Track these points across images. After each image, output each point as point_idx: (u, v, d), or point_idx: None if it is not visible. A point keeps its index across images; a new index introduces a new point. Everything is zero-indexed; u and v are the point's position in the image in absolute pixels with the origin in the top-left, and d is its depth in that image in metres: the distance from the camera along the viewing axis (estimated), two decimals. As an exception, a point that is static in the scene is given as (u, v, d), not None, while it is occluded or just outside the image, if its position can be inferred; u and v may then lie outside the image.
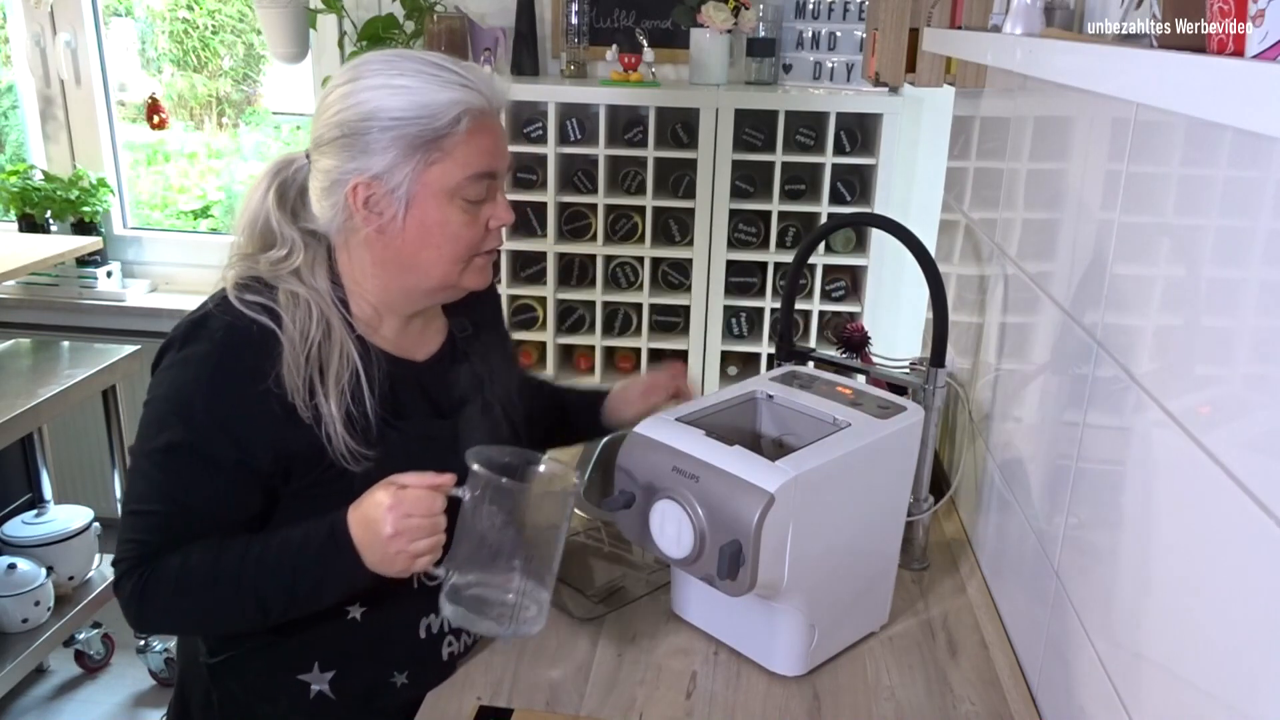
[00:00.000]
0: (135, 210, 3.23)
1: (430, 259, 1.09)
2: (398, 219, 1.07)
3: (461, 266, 1.11)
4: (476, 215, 1.10)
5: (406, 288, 1.12)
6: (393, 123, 1.03)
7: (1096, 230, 1.05)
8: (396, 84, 1.04)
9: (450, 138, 1.04)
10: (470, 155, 1.06)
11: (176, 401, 1.05)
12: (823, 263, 2.58)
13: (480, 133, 1.07)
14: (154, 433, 1.06)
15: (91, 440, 2.96)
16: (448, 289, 1.14)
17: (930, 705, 1.16)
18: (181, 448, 1.05)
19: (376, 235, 1.08)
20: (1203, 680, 0.77)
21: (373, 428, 1.08)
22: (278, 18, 2.61)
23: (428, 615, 1.17)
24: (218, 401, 1.04)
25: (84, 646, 2.59)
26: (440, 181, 1.06)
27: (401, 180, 1.05)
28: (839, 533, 1.15)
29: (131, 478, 1.09)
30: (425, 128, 1.03)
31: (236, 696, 1.16)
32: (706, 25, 2.57)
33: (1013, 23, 1.07)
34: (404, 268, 1.10)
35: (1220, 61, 0.60)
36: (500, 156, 1.10)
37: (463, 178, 1.06)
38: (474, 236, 1.10)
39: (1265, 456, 0.68)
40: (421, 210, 1.07)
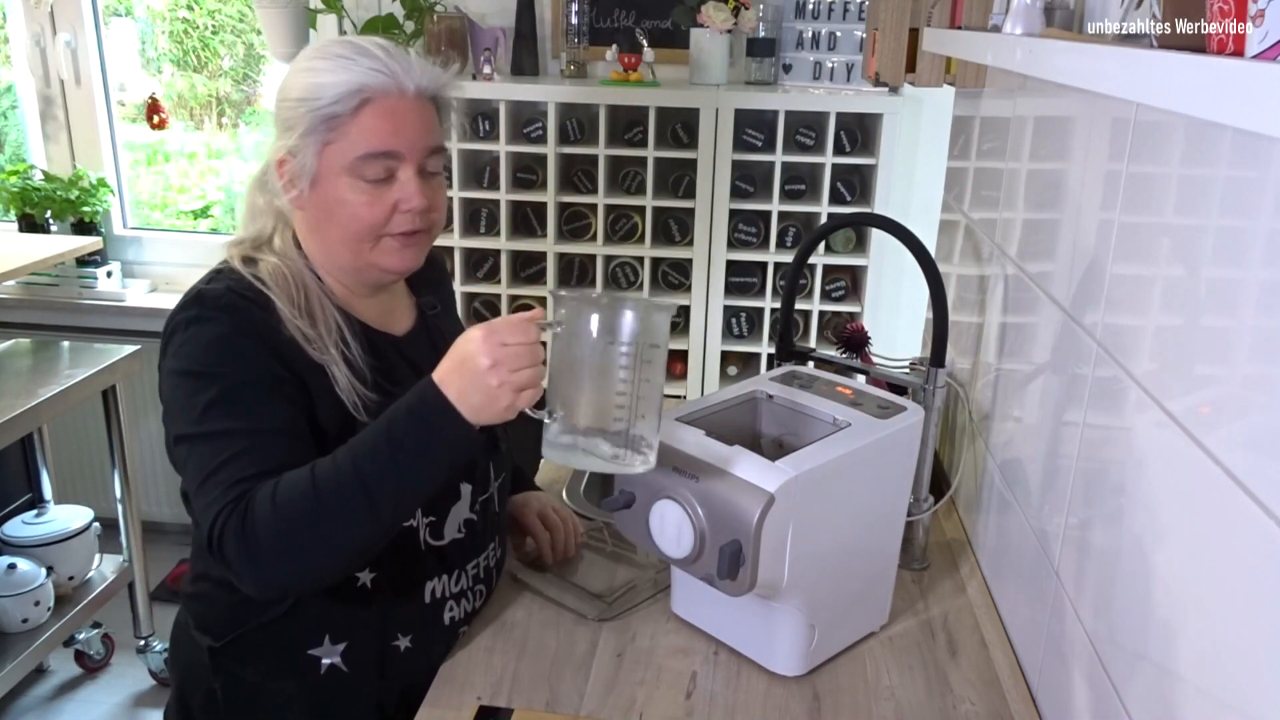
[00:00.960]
0: (135, 210, 3.23)
1: (335, 236, 1.15)
2: (304, 194, 1.13)
3: (370, 245, 1.15)
4: (378, 196, 1.12)
5: (336, 263, 1.17)
6: (298, 102, 1.11)
7: (1096, 230, 1.05)
8: (311, 66, 1.12)
9: (344, 118, 1.10)
10: (363, 135, 1.10)
11: (206, 361, 1.07)
12: (823, 263, 2.58)
13: (378, 115, 1.10)
14: (195, 397, 1.06)
15: (91, 440, 2.97)
16: (367, 268, 1.17)
17: (930, 705, 1.16)
18: (236, 386, 1.06)
19: (296, 208, 1.16)
20: (1203, 680, 0.77)
21: (368, 379, 1.13)
22: (278, 18, 2.61)
23: (433, 579, 1.20)
24: (246, 345, 1.08)
25: (84, 646, 2.59)
26: (337, 160, 1.11)
27: (307, 157, 1.11)
28: (839, 533, 1.15)
29: (192, 449, 1.05)
30: (319, 106, 1.09)
31: (242, 682, 1.16)
32: (706, 25, 2.57)
33: (1013, 23, 1.07)
34: (322, 243, 1.17)
35: (1220, 61, 0.60)
36: (401, 138, 1.11)
37: (354, 157, 1.10)
38: (376, 217, 1.13)
39: (1265, 456, 0.68)
40: (323, 187, 1.13)
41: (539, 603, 1.32)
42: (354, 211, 1.12)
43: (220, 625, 1.17)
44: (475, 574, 1.26)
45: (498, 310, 2.70)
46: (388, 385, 1.15)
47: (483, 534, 1.26)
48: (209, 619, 1.18)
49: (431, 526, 1.19)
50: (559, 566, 1.38)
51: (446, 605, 1.22)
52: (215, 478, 1.03)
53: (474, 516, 1.24)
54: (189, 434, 1.06)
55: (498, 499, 1.30)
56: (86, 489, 3.01)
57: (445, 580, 1.21)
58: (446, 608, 1.22)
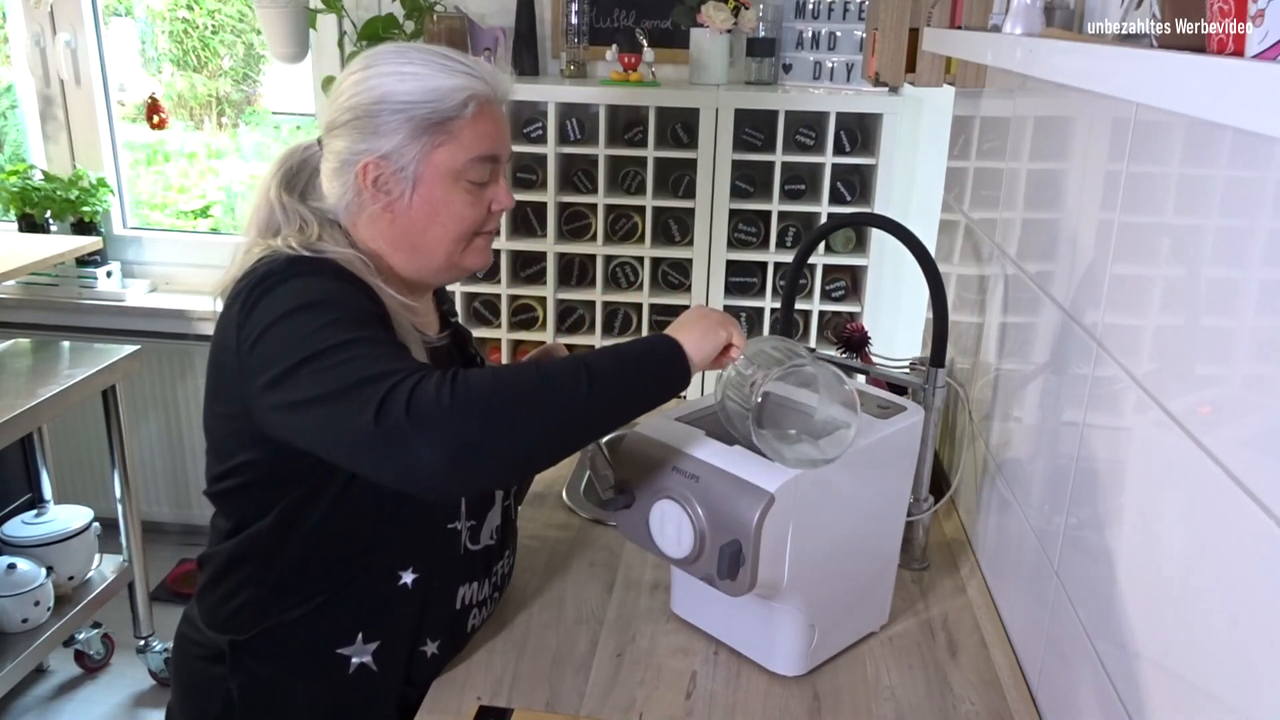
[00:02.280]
0: (135, 210, 3.23)
1: (435, 237, 1.15)
2: (405, 197, 1.12)
3: (464, 245, 1.17)
4: (479, 197, 1.16)
5: (416, 265, 1.17)
6: (402, 106, 1.10)
7: (1096, 230, 1.05)
8: (406, 71, 1.11)
9: (456, 121, 1.11)
10: (475, 138, 1.12)
11: (323, 299, 1.01)
12: (823, 263, 2.58)
13: (484, 118, 1.13)
14: (316, 320, 0.98)
15: (91, 440, 2.96)
16: (451, 268, 1.19)
17: (930, 705, 1.16)
18: (355, 317, 1.01)
19: (384, 213, 1.14)
20: (1203, 680, 0.77)
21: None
22: (278, 18, 2.61)
23: (466, 584, 1.20)
24: (360, 296, 1.06)
25: (84, 646, 2.59)
26: (446, 163, 1.12)
27: (409, 161, 1.11)
28: (839, 533, 1.15)
29: (319, 363, 0.94)
30: (433, 110, 1.10)
31: (261, 681, 1.15)
32: (706, 25, 2.57)
33: (1013, 23, 1.07)
34: (410, 245, 1.16)
35: (1220, 61, 0.60)
36: (502, 142, 1.17)
37: (467, 160, 1.12)
38: (476, 216, 1.16)
39: (1265, 456, 0.68)
40: (428, 189, 1.12)
41: (539, 603, 1.32)
42: (459, 212, 1.14)
43: (244, 620, 1.14)
44: (494, 582, 1.27)
45: (498, 310, 2.71)
46: None
47: (503, 541, 1.28)
48: (231, 615, 1.15)
49: (471, 531, 1.20)
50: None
51: (471, 613, 1.23)
52: (369, 375, 0.92)
53: (500, 522, 1.25)
54: (315, 352, 0.95)
55: (514, 507, 1.33)
56: (86, 489, 3.01)
57: (474, 587, 1.22)
58: (471, 615, 1.23)
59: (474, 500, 1.19)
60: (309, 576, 1.12)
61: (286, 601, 1.13)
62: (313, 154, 1.18)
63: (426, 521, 1.15)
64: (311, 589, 1.12)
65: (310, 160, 1.18)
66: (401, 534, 1.14)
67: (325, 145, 1.15)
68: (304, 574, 1.12)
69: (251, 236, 1.15)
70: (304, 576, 1.12)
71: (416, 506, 1.13)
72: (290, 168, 1.18)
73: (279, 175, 1.17)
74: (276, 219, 1.14)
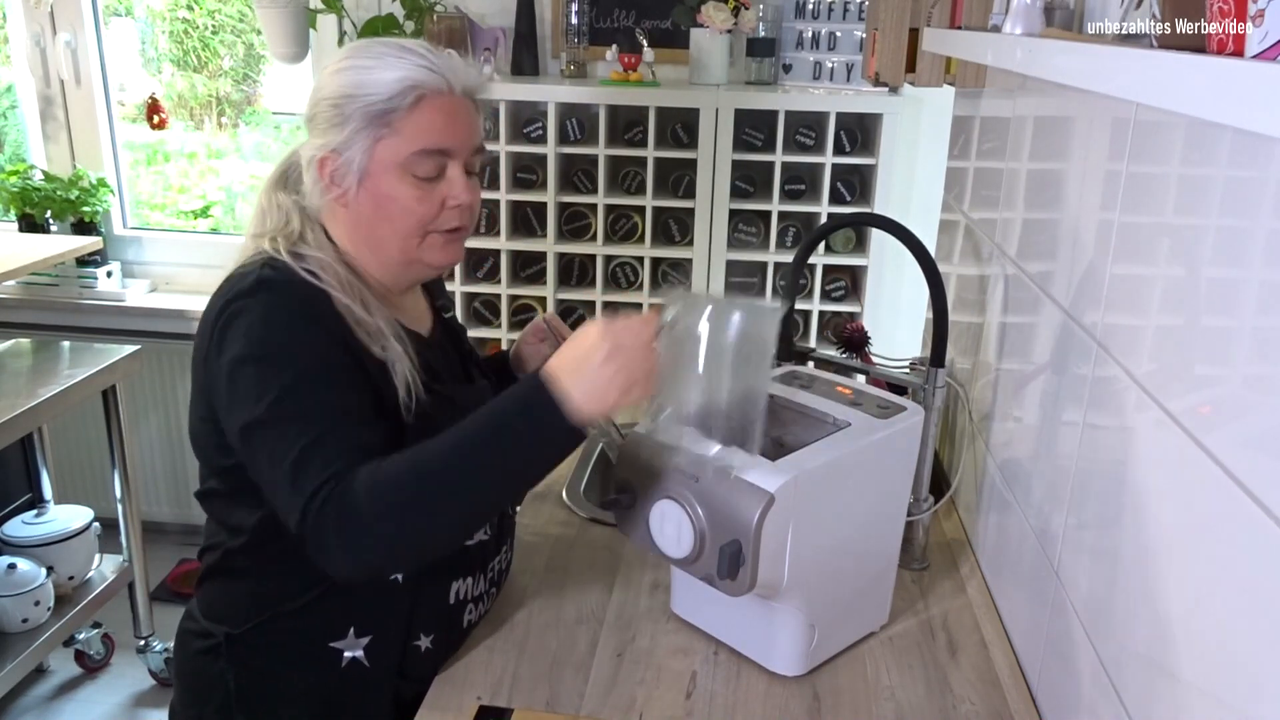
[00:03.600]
0: (135, 210, 3.23)
1: (386, 232, 1.14)
2: (352, 191, 1.12)
3: (417, 241, 1.15)
4: (429, 192, 1.13)
5: (377, 261, 1.17)
6: (347, 99, 1.10)
7: (1096, 230, 1.05)
8: (361, 64, 1.11)
9: (397, 113, 1.09)
10: (417, 131, 1.10)
11: (283, 345, 1.05)
12: (823, 263, 2.58)
13: (430, 110, 1.11)
14: (272, 380, 1.03)
15: (91, 440, 2.96)
16: (413, 264, 1.17)
17: (930, 705, 1.16)
18: (311, 373, 1.04)
19: (341, 207, 1.14)
20: (1202, 680, 0.77)
21: (421, 376, 1.13)
22: (278, 18, 2.61)
23: (458, 579, 1.20)
24: (319, 334, 1.06)
25: (84, 646, 2.59)
26: (390, 156, 1.11)
27: (356, 154, 1.11)
28: (839, 533, 1.15)
29: (265, 436, 1.02)
30: (373, 102, 1.09)
31: (256, 672, 1.16)
32: (706, 25, 2.57)
33: (1013, 23, 1.07)
34: (365, 241, 1.16)
35: (1220, 61, 0.60)
36: (453, 136, 1.13)
37: (409, 153, 1.11)
38: (426, 213, 1.14)
39: (1265, 456, 0.68)
40: (374, 184, 1.12)
41: (539, 602, 1.32)
42: (405, 206, 1.12)
43: (240, 613, 1.16)
44: (490, 577, 1.26)
45: (498, 310, 2.71)
46: (431, 383, 1.15)
47: (499, 536, 1.27)
48: (227, 606, 1.17)
49: None
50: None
51: (466, 607, 1.23)
52: (301, 464, 1.00)
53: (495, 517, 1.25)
54: (261, 419, 1.02)
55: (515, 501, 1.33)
56: (86, 489, 3.01)
57: (469, 582, 1.22)
58: (466, 610, 1.23)
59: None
60: (299, 573, 1.12)
61: (279, 596, 1.14)
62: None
63: None
64: (303, 584, 1.13)
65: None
66: None
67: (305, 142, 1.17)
68: (294, 570, 1.12)
69: (252, 229, 1.18)
70: (295, 572, 1.12)
71: None
72: (287, 165, 1.20)
73: (277, 174, 1.19)
74: (271, 212, 1.17)
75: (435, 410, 1.13)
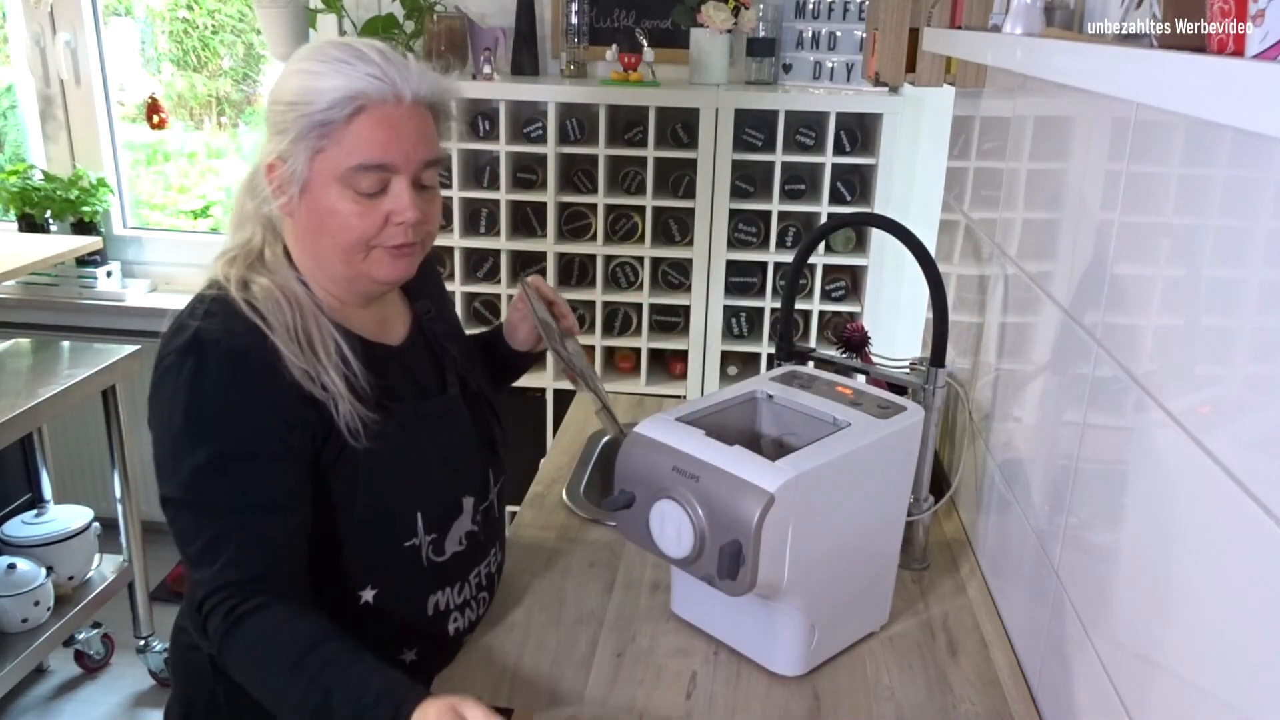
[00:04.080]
0: (135, 210, 3.23)
1: (326, 246, 1.11)
2: (294, 201, 1.09)
3: (361, 256, 1.11)
4: (370, 207, 1.08)
5: (324, 273, 1.14)
6: (290, 106, 1.06)
7: (1096, 230, 1.05)
8: (307, 69, 1.07)
9: (337, 125, 1.05)
10: (357, 145, 1.06)
11: (202, 419, 1.04)
12: (823, 263, 2.58)
13: (373, 125, 1.06)
14: (187, 457, 1.04)
15: (91, 440, 2.96)
16: (360, 278, 1.14)
17: (930, 705, 1.16)
18: (227, 456, 1.03)
19: (286, 215, 1.12)
20: (1203, 680, 0.77)
21: (370, 399, 1.11)
22: (278, 18, 2.61)
23: (435, 592, 1.19)
24: (244, 403, 1.04)
25: (84, 646, 2.59)
26: (329, 169, 1.07)
27: (298, 163, 1.07)
28: (839, 533, 1.15)
29: (178, 514, 1.05)
30: (313, 112, 1.05)
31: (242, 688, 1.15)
32: (706, 25, 2.57)
33: (1013, 23, 1.07)
34: (310, 252, 1.13)
35: (1220, 61, 0.60)
36: (395, 150, 1.07)
37: (347, 167, 1.06)
38: (367, 228, 1.09)
39: (1265, 456, 0.68)
40: (314, 195, 1.08)
41: (539, 603, 1.32)
42: (344, 221, 1.08)
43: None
44: (478, 582, 1.25)
45: (498, 310, 2.71)
46: (388, 402, 1.13)
47: (484, 542, 1.26)
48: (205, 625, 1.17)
49: (434, 544, 1.18)
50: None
51: (450, 616, 1.21)
52: (203, 561, 1.03)
53: (475, 528, 1.23)
54: (176, 498, 1.05)
55: (497, 505, 1.30)
56: (86, 489, 3.01)
57: (449, 592, 1.20)
58: (450, 619, 1.21)
59: (433, 516, 1.17)
60: None
61: None
62: None
63: (381, 543, 1.14)
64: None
65: None
66: (354, 556, 1.13)
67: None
68: None
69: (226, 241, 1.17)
70: None
71: (369, 529, 1.12)
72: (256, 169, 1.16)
73: (248, 178, 1.15)
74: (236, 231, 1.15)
75: (393, 430, 1.11)
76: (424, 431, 1.16)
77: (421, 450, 1.14)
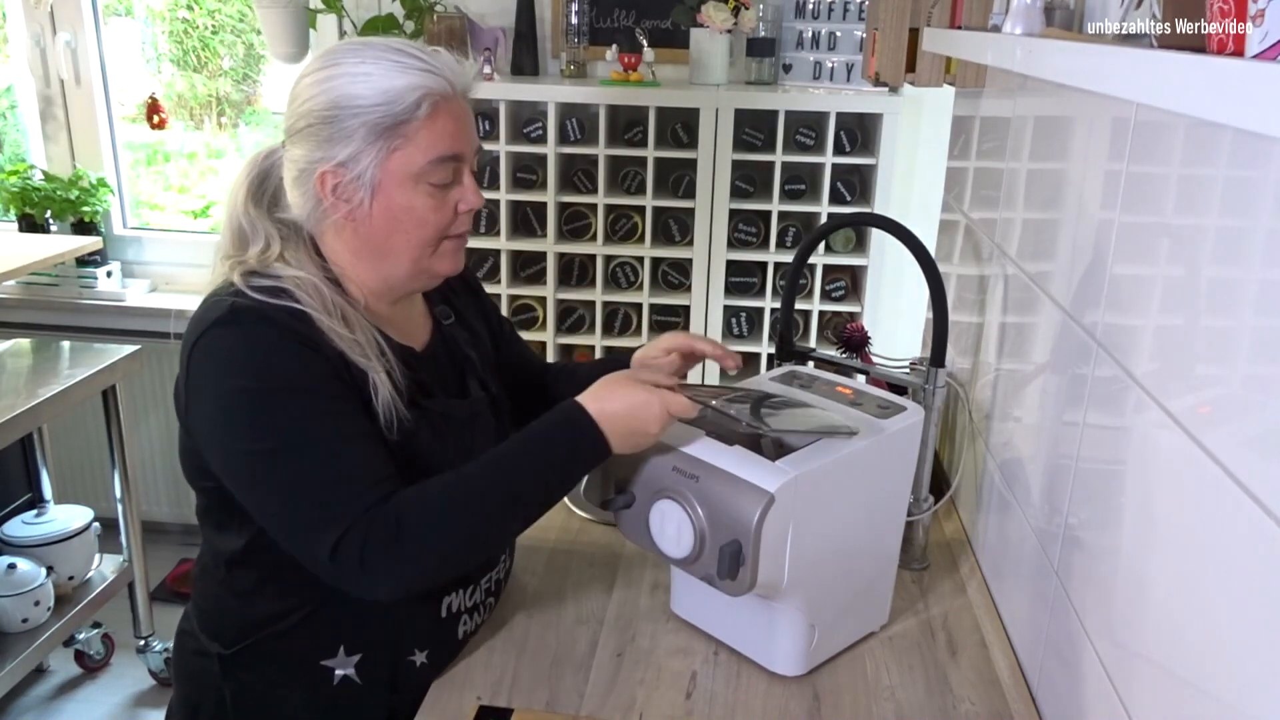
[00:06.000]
0: (135, 210, 3.23)
1: (400, 244, 1.11)
2: (364, 205, 1.09)
3: (431, 250, 1.13)
4: (444, 199, 1.11)
5: (384, 274, 1.14)
6: (355, 110, 1.05)
7: (1096, 230, 1.05)
8: (359, 71, 1.06)
9: (411, 123, 1.06)
10: (432, 139, 1.07)
11: (271, 369, 1.03)
12: (823, 263, 2.58)
13: (442, 116, 1.08)
14: (273, 412, 1.02)
15: (91, 440, 2.97)
16: (421, 274, 1.16)
17: (930, 705, 1.16)
18: (311, 393, 1.03)
19: (347, 222, 1.11)
20: (1202, 680, 0.77)
21: (405, 394, 1.11)
22: (278, 18, 2.61)
23: (450, 593, 1.19)
24: (307, 356, 1.04)
25: (84, 646, 2.59)
26: (404, 167, 1.07)
27: (366, 167, 1.07)
28: (839, 533, 1.15)
29: (272, 467, 1.02)
30: (386, 114, 1.05)
31: (253, 688, 1.15)
32: (706, 25, 2.57)
33: (1013, 23, 1.07)
34: (376, 254, 1.13)
35: (1220, 61, 0.60)
36: (464, 139, 1.11)
37: (425, 162, 1.08)
38: (442, 220, 1.12)
39: (1265, 456, 0.68)
40: (387, 196, 1.08)
41: (539, 603, 1.32)
42: (422, 216, 1.10)
43: (231, 634, 1.15)
44: (488, 587, 1.25)
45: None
46: (421, 399, 1.13)
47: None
48: (219, 626, 1.17)
49: None
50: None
51: (461, 619, 1.21)
52: (326, 499, 1.01)
53: None
54: (273, 448, 1.02)
55: None
56: (86, 489, 3.01)
57: (461, 595, 1.20)
58: (461, 621, 1.21)
59: None
60: (286, 594, 1.12)
61: (268, 617, 1.13)
62: (277, 159, 1.14)
63: None
64: (290, 605, 1.12)
65: (275, 167, 1.14)
66: None
67: (286, 152, 1.11)
68: (281, 591, 1.12)
69: (224, 246, 1.14)
70: (281, 594, 1.12)
71: None
72: (255, 176, 1.14)
73: (246, 184, 1.14)
74: (245, 231, 1.13)
75: (419, 428, 1.11)
76: (451, 433, 1.16)
77: (447, 451, 1.14)
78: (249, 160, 1.16)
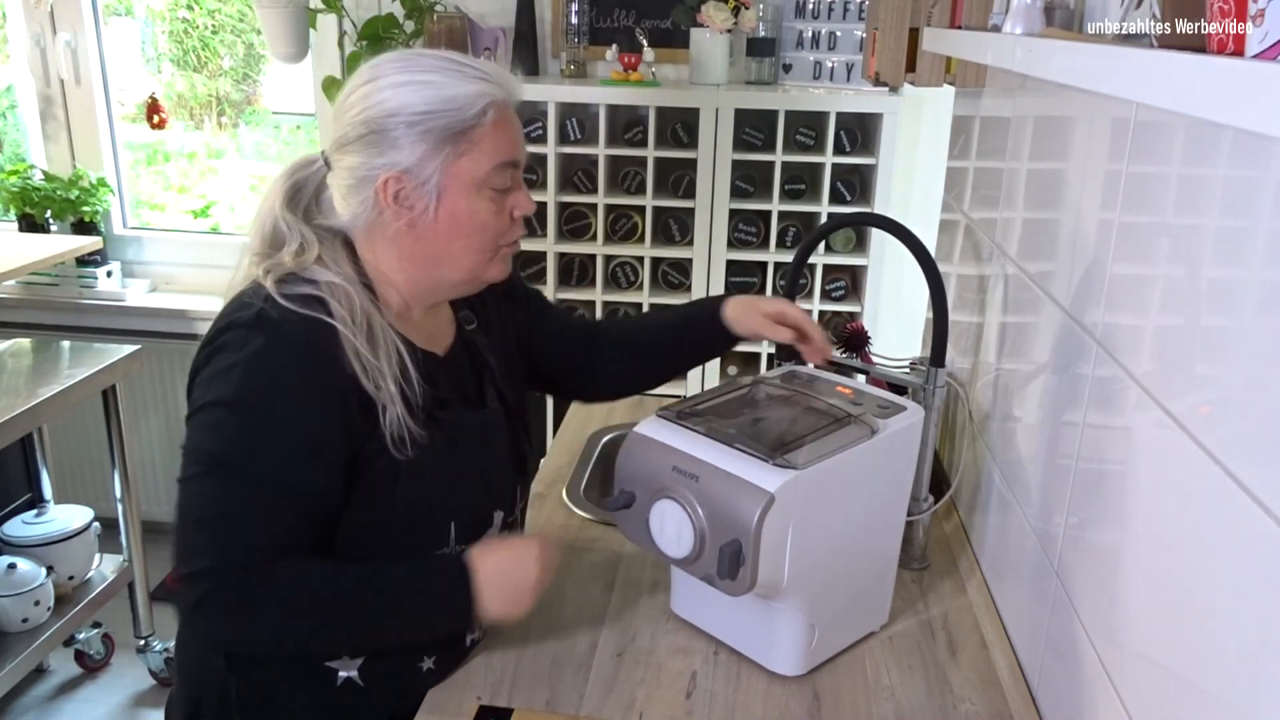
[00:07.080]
0: (135, 210, 3.23)
1: (460, 249, 1.13)
2: (429, 211, 1.10)
3: (489, 256, 1.15)
4: (503, 205, 1.13)
5: (435, 280, 1.15)
6: (420, 117, 1.06)
7: (1096, 230, 1.05)
8: (419, 80, 1.07)
9: (478, 129, 1.08)
10: (496, 145, 1.10)
11: (254, 393, 1.04)
12: (823, 263, 2.58)
13: (504, 123, 1.11)
14: (228, 427, 1.03)
15: (91, 440, 2.96)
16: (473, 281, 1.17)
17: (930, 705, 1.16)
18: (270, 433, 1.03)
19: (407, 229, 1.11)
20: (1202, 680, 0.77)
21: (420, 413, 1.11)
22: (278, 18, 2.61)
23: None
24: (299, 391, 1.04)
25: (84, 646, 2.59)
26: (470, 172, 1.09)
27: (432, 173, 1.08)
28: (839, 533, 1.15)
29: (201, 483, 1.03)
30: (453, 120, 1.07)
31: (259, 686, 1.15)
32: (706, 25, 2.57)
33: (1013, 23, 1.07)
34: (434, 260, 1.13)
35: (1220, 61, 0.60)
36: (521, 146, 1.15)
37: (490, 167, 1.10)
38: (501, 225, 1.14)
39: (1265, 456, 0.68)
40: (452, 202, 1.10)
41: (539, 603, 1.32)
42: (484, 221, 1.11)
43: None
44: None
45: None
46: (436, 411, 1.13)
47: None
48: None
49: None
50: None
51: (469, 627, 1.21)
52: (220, 532, 1.02)
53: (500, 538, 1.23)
54: (213, 464, 1.03)
55: (521, 520, 1.31)
56: (86, 489, 3.01)
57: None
58: (469, 629, 1.21)
59: (465, 527, 1.17)
60: None
61: None
62: (317, 170, 1.14)
63: (413, 548, 1.14)
64: None
65: (314, 177, 1.14)
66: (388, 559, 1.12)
67: (335, 162, 1.11)
68: None
69: (254, 246, 1.14)
70: None
71: (404, 534, 1.12)
72: (294, 184, 1.14)
73: (282, 192, 1.14)
74: (281, 232, 1.12)
75: (433, 441, 1.11)
76: (463, 443, 1.16)
77: (459, 462, 1.14)
78: (287, 168, 1.16)
